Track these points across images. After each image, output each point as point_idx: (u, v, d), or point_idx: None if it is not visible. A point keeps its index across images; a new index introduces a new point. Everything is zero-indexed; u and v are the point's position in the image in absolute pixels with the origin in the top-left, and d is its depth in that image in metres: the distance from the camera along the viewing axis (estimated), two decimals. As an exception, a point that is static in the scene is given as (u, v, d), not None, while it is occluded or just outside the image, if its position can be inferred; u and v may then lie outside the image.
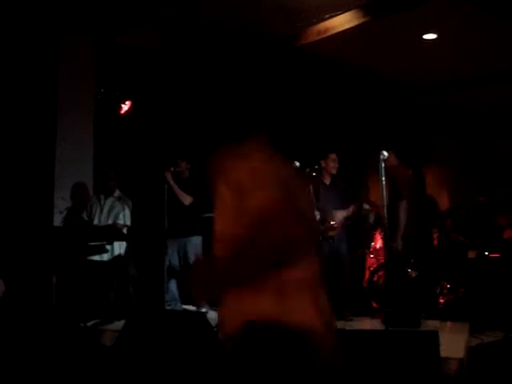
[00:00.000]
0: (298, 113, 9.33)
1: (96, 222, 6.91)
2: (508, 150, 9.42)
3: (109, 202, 6.98)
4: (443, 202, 8.00)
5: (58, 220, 7.18)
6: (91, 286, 6.58)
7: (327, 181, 6.96)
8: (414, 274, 6.96)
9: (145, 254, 7.52)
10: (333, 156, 6.91)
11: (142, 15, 7.18)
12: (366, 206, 7.77)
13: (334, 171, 6.94)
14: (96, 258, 6.76)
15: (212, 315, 6.48)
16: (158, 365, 4.03)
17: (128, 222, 6.96)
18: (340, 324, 6.31)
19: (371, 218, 8.21)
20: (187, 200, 6.92)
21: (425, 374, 3.53)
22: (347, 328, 5.18)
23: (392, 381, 3.58)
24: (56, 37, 7.26)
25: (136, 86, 8.30)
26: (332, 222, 6.72)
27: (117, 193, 7.05)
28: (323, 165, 6.90)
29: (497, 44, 7.37)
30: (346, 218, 6.88)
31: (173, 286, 6.97)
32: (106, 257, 6.78)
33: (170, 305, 6.82)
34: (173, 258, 6.97)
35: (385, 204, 5.04)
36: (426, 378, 3.52)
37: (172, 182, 6.83)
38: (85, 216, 7.04)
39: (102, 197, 7.02)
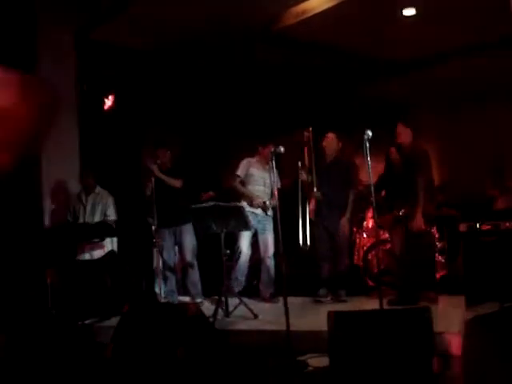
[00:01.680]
0: (282, 95, 9.27)
1: (81, 221, 6.88)
2: (497, 122, 9.41)
3: (91, 199, 6.94)
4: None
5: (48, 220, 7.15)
6: (85, 285, 6.56)
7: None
8: (440, 245, 7.06)
9: (134, 249, 7.49)
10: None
11: (116, 11, 7.15)
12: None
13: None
14: (86, 256, 6.74)
15: (207, 306, 6.54)
16: (155, 358, 4.04)
17: (114, 217, 6.95)
18: (335, 306, 6.35)
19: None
20: (178, 183, 6.91)
21: (419, 350, 3.54)
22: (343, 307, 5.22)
23: (387, 358, 3.59)
24: (35, 33, 7.18)
25: (118, 81, 8.28)
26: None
27: (97, 189, 7.00)
28: (324, 144, 6.95)
29: (476, 16, 7.32)
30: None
31: (169, 277, 6.98)
32: (96, 255, 6.76)
33: (166, 297, 6.83)
34: (167, 250, 6.96)
35: (372, 183, 5.03)
36: (420, 353, 3.54)
37: (160, 174, 6.81)
38: (69, 217, 6.99)
39: (83, 195, 6.97)
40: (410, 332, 3.60)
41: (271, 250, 7.04)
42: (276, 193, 6.09)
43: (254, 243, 7.14)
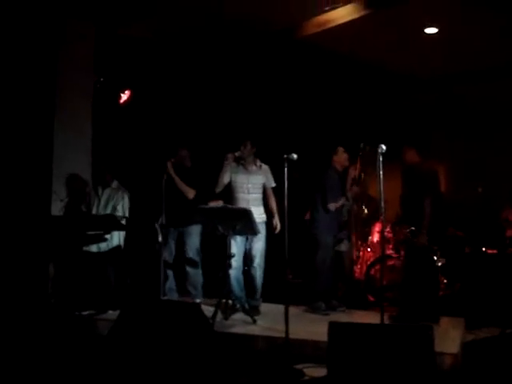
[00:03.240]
0: (297, 106, 9.26)
1: (93, 213, 6.89)
2: (506, 144, 9.42)
3: (106, 193, 6.95)
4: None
5: (57, 209, 7.12)
6: (88, 276, 6.56)
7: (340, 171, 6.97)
8: (441, 263, 7.00)
9: (141, 245, 7.49)
10: (341, 149, 6.89)
11: (143, 6, 7.17)
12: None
13: (346, 163, 6.92)
14: (93, 248, 6.74)
15: (206, 307, 6.51)
16: (152, 354, 4.03)
17: (126, 213, 6.94)
18: (335, 316, 6.34)
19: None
20: (191, 194, 6.85)
21: (419, 368, 3.52)
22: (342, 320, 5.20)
23: (386, 374, 3.57)
24: (58, 23, 7.20)
25: (136, 75, 8.28)
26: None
27: (114, 184, 7.01)
28: (335, 159, 6.87)
29: (497, 39, 7.36)
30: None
31: (169, 276, 6.96)
32: (103, 247, 6.76)
33: (166, 295, 6.81)
34: (169, 248, 6.94)
35: (382, 198, 5.00)
36: (420, 372, 3.52)
37: (174, 175, 6.80)
38: (83, 207, 7.02)
39: (100, 188, 6.99)
40: (410, 349, 3.58)
41: (258, 259, 6.66)
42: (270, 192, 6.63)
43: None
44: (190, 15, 7.30)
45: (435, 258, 6.81)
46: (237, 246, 6.53)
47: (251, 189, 6.67)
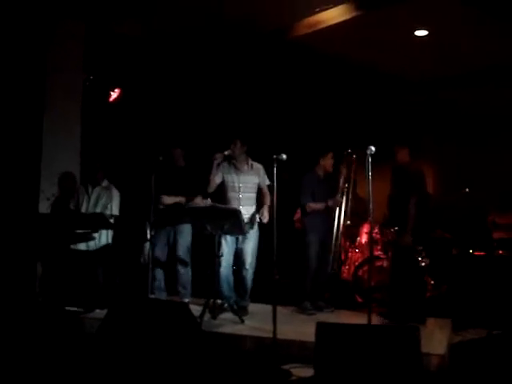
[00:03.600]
0: (288, 107, 9.25)
1: (83, 211, 6.87)
2: (495, 148, 9.46)
3: (96, 191, 6.93)
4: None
5: (44, 207, 7.10)
6: (76, 275, 6.53)
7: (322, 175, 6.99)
8: (425, 263, 7.03)
9: (130, 244, 7.47)
10: (330, 154, 6.94)
11: (134, 4, 7.16)
12: None
13: (330, 169, 6.98)
14: (82, 247, 6.72)
15: (194, 307, 6.50)
16: (140, 353, 4.02)
17: (116, 212, 6.91)
18: (323, 316, 6.36)
19: None
20: (182, 201, 6.87)
21: (405, 369, 3.54)
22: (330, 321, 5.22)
23: (373, 375, 3.59)
24: (47, 22, 7.17)
25: (125, 73, 8.26)
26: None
27: (104, 182, 6.99)
28: (322, 162, 6.92)
29: (486, 43, 7.40)
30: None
31: (158, 275, 6.94)
32: (91, 246, 6.73)
33: (154, 294, 6.80)
34: (159, 247, 6.92)
35: (371, 199, 5.01)
36: (407, 372, 3.53)
37: (168, 201, 6.82)
38: (72, 205, 7.00)
39: (90, 186, 6.97)
40: (397, 350, 3.59)
41: (249, 260, 6.63)
42: (265, 191, 6.59)
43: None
44: (180, 15, 7.30)
45: (419, 258, 6.88)
46: (227, 245, 6.52)
47: (242, 188, 6.64)
